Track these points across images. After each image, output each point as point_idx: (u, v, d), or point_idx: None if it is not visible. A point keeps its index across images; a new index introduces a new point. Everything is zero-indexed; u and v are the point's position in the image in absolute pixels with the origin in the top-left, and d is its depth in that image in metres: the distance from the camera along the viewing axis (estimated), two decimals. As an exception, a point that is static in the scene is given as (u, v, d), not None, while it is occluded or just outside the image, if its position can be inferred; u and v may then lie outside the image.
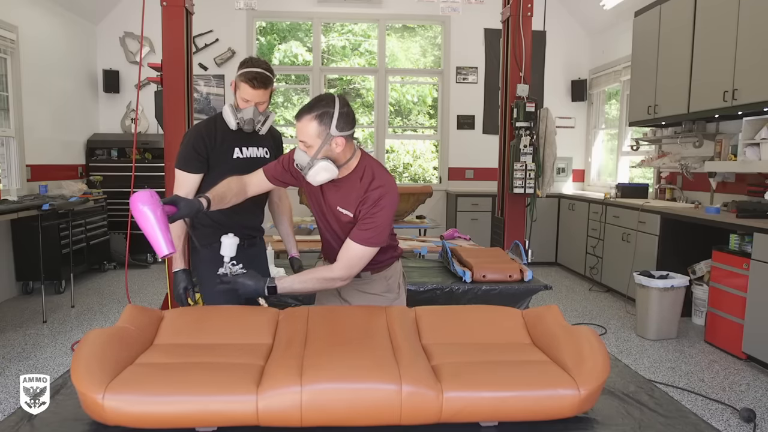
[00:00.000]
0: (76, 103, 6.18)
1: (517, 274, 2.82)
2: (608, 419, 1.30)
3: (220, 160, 2.15)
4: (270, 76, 2.12)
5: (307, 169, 1.72)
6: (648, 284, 3.98)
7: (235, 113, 2.12)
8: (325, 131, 1.68)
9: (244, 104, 2.11)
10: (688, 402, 2.98)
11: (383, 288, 2.00)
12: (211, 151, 2.14)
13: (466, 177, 7.13)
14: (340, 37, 7.48)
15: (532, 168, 4.43)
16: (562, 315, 1.58)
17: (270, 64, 2.16)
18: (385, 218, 1.76)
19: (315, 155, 1.71)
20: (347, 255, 1.76)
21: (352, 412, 1.20)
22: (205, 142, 2.13)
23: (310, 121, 1.68)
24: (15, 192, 4.99)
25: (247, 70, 2.07)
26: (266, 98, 2.14)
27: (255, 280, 1.76)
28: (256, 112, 2.12)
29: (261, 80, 2.08)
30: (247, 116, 2.11)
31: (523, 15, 4.44)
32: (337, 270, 1.77)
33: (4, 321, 4.27)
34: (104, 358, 1.27)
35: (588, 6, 6.54)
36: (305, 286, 1.80)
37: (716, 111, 4.26)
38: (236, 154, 2.18)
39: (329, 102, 1.70)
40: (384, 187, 1.77)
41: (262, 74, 2.08)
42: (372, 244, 1.76)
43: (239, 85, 2.09)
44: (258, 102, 2.11)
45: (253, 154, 2.23)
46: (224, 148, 2.16)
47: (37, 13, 5.40)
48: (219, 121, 2.19)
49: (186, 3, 4.06)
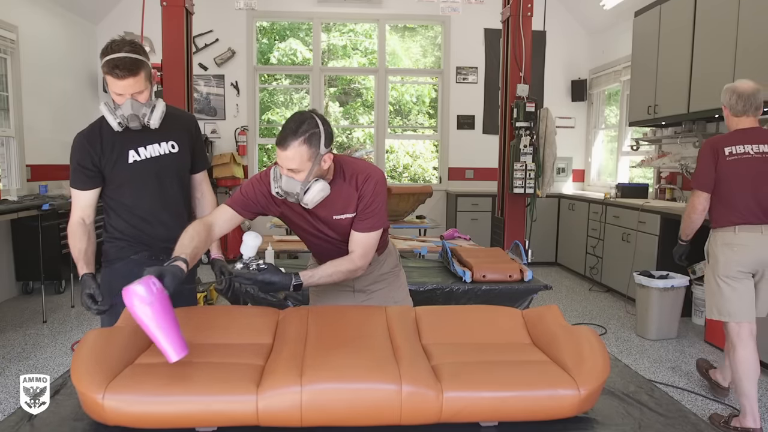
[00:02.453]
0: (76, 103, 6.17)
1: (517, 274, 2.82)
2: (608, 419, 1.30)
3: (114, 169, 1.87)
4: (137, 59, 1.76)
5: (302, 194, 1.64)
6: (648, 284, 3.98)
7: (113, 111, 1.79)
8: (315, 152, 1.61)
9: (118, 99, 1.79)
10: (688, 402, 2.98)
11: (393, 263, 2.05)
12: (99, 161, 1.85)
13: (466, 177, 7.13)
14: (342, 36, 7.49)
15: (532, 168, 4.43)
16: (562, 315, 1.58)
17: (140, 44, 1.81)
18: (382, 201, 1.78)
19: (307, 178, 1.63)
20: (361, 244, 1.78)
21: (352, 412, 1.20)
22: (90, 154, 1.84)
23: (299, 146, 1.58)
24: (15, 192, 4.99)
25: (108, 58, 1.72)
26: (142, 86, 1.79)
27: (280, 276, 1.66)
28: (135, 104, 1.78)
29: (125, 67, 1.72)
30: (126, 112, 1.78)
31: (523, 15, 4.44)
32: (357, 260, 1.78)
33: (4, 321, 4.27)
34: (104, 358, 1.26)
35: (588, 6, 6.55)
36: (331, 279, 1.77)
37: (716, 111, 4.26)
38: (132, 158, 1.88)
39: (311, 122, 1.61)
40: (371, 176, 1.76)
41: (125, 59, 1.72)
42: (379, 227, 1.80)
43: (106, 78, 1.76)
44: (133, 93, 1.78)
45: (155, 152, 1.92)
46: (116, 154, 1.86)
47: (37, 13, 5.40)
48: (104, 125, 1.86)
49: (186, 3, 4.06)
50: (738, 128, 2.71)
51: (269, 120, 7.63)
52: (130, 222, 1.94)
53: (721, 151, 2.67)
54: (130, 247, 1.92)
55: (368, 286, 2.00)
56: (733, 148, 2.65)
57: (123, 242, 1.94)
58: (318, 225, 1.83)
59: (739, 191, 2.64)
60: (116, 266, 1.93)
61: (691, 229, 2.90)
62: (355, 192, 1.76)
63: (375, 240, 1.79)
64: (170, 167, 1.96)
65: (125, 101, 1.78)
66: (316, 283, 1.75)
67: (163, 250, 1.87)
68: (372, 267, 1.93)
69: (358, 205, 1.77)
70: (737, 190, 2.65)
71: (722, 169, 2.66)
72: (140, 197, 1.93)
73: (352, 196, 1.76)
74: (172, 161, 1.95)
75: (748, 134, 2.66)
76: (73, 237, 1.87)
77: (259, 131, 7.13)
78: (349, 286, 1.99)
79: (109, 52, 1.74)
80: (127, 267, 1.88)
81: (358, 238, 1.78)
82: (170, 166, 1.96)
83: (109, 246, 1.96)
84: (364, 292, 2.01)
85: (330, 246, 1.87)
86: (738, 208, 2.65)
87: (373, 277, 1.99)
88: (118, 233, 1.94)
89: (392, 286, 2.04)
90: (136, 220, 1.94)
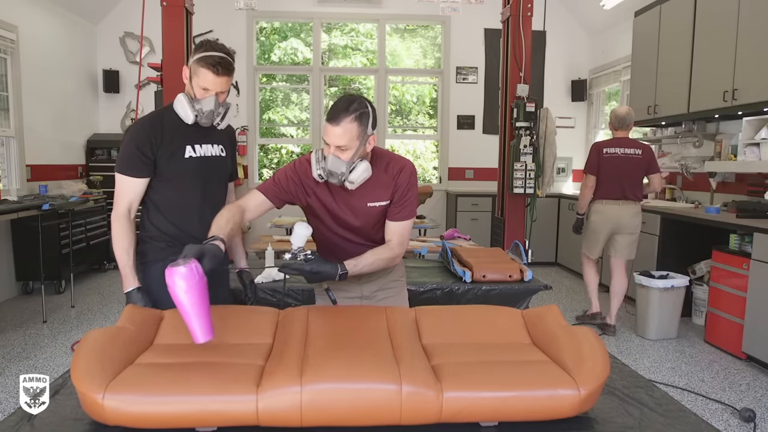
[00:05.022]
0: (76, 103, 6.18)
1: (517, 274, 2.81)
2: (608, 419, 1.30)
3: (169, 161, 1.87)
4: (233, 62, 1.88)
5: (347, 174, 1.68)
6: (648, 284, 3.98)
7: (192, 104, 1.84)
8: (364, 131, 1.68)
9: (202, 94, 1.84)
10: (688, 402, 2.98)
11: (400, 273, 2.07)
12: (158, 151, 1.85)
13: (466, 177, 7.13)
14: (343, 36, 7.49)
15: (532, 168, 4.43)
16: (562, 315, 1.58)
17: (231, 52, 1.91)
18: (416, 191, 1.87)
19: (353, 158, 1.68)
20: (398, 232, 1.85)
21: (352, 412, 1.20)
22: (151, 141, 1.83)
23: (350, 123, 1.64)
24: (15, 192, 4.99)
25: (209, 54, 1.80)
26: (227, 87, 1.88)
27: (327, 267, 1.68)
28: (217, 103, 1.85)
29: (225, 66, 1.82)
30: (207, 108, 1.84)
31: (523, 15, 4.44)
32: (396, 247, 1.84)
33: (4, 321, 4.27)
34: (104, 358, 1.26)
35: (588, 6, 6.55)
36: (373, 267, 1.80)
37: (716, 111, 4.26)
38: (188, 153, 1.90)
39: (362, 102, 1.68)
40: (405, 167, 1.83)
41: (226, 59, 1.83)
42: (413, 217, 1.88)
43: (198, 72, 1.81)
44: (219, 91, 1.85)
45: (208, 152, 1.95)
46: (174, 147, 1.87)
47: (37, 13, 5.40)
48: (166, 116, 1.91)
49: (186, 3, 4.06)
50: (614, 137, 4.12)
51: (269, 120, 7.63)
52: (172, 219, 1.92)
53: (602, 151, 4.04)
54: (169, 247, 1.88)
55: (376, 293, 2.01)
56: (609, 150, 4.04)
57: (162, 242, 1.92)
58: (344, 216, 1.84)
59: (609, 177, 4.02)
60: (153, 269, 1.90)
61: (584, 203, 4.19)
62: (391, 181, 1.81)
63: (409, 229, 1.89)
64: (218, 169, 2.01)
65: (209, 97, 1.84)
66: (360, 271, 1.77)
67: None
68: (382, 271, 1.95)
69: (393, 195, 1.82)
70: (608, 176, 4.02)
71: (602, 163, 4.02)
72: (187, 193, 1.93)
73: (388, 184, 1.82)
74: (220, 163, 2.00)
75: (620, 141, 4.07)
76: (120, 231, 1.84)
77: (259, 131, 7.13)
78: (357, 293, 1.99)
79: (208, 49, 1.81)
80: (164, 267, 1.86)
81: (394, 227, 1.85)
82: (218, 168, 2.01)
83: (147, 247, 1.93)
84: (371, 299, 2.01)
85: (345, 244, 1.89)
86: (607, 188, 4.03)
87: (381, 282, 2.00)
88: (158, 232, 1.93)
89: (398, 297, 2.05)
90: (179, 217, 1.92)
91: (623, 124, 4.07)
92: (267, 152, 7.92)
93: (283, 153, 8.05)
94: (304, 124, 7.61)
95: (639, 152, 4.02)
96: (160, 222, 1.92)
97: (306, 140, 7.52)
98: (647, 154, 4.04)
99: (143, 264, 1.92)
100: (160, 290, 1.83)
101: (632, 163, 3.99)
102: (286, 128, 7.86)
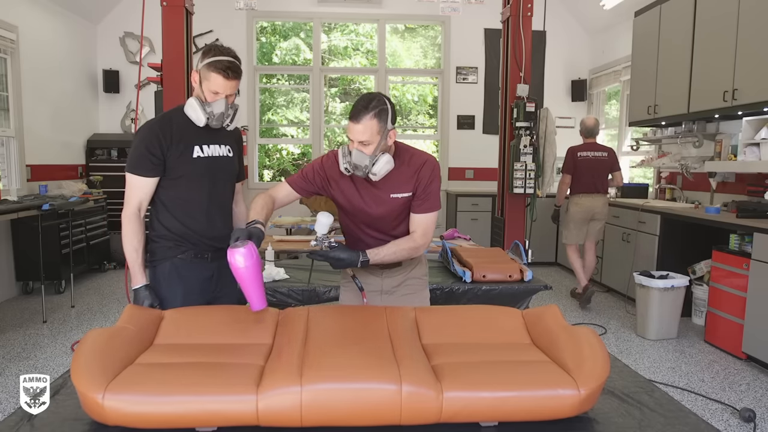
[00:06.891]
0: (76, 103, 6.18)
1: (517, 274, 2.82)
2: (608, 419, 1.30)
3: (178, 162, 1.93)
4: (241, 66, 1.96)
5: (371, 166, 1.79)
6: (648, 284, 3.98)
7: (203, 107, 1.91)
8: (384, 127, 1.78)
9: (213, 97, 1.90)
10: (688, 402, 2.98)
11: (422, 272, 2.11)
12: (167, 151, 1.91)
13: (466, 177, 7.13)
14: (344, 36, 7.49)
15: (532, 168, 4.43)
16: (562, 315, 1.58)
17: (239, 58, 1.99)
18: (438, 184, 1.94)
19: (375, 151, 1.78)
20: (421, 224, 1.92)
21: (352, 412, 1.20)
22: (161, 141, 1.90)
23: (370, 119, 1.76)
24: (15, 192, 4.99)
25: (218, 58, 1.88)
26: (236, 90, 1.95)
27: (348, 254, 1.81)
28: (227, 105, 1.93)
29: (235, 69, 1.90)
30: (218, 110, 1.91)
31: (523, 15, 4.44)
32: (419, 238, 1.92)
33: (4, 321, 4.27)
34: (104, 358, 1.27)
35: (588, 6, 6.54)
36: (395, 257, 1.89)
37: (716, 111, 4.26)
38: (197, 153, 1.96)
39: (380, 99, 1.79)
40: (428, 160, 1.92)
41: (235, 63, 1.91)
42: (436, 209, 1.94)
43: (208, 76, 1.88)
44: (229, 94, 1.93)
45: (215, 152, 2.01)
46: (182, 147, 1.93)
47: (37, 13, 5.40)
48: (175, 117, 1.97)
49: (186, 3, 4.06)
50: (585, 142, 4.96)
51: (269, 120, 7.63)
52: (180, 218, 1.96)
53: (576, 154, 4.87)
54: (177, 246, 1.94)
55: (396, 288, 2.04)
56: (582, 153, 4.87)
57: (170, 241, 1.97)
58: (368, 207, 1.91)
59: (583, 175, 4.84)
60: (160, 267, 1.96)
61: (561, 197, 5.08)
62: (413, 174, 1.89)
63: (433, 221, 1.94)
64: (225, 169, 2.06)
65: (219, 100, 1.91)
66: (381, 260, 1.87)
67: (208, 248, 1.99)
68: (404, 266, 2.03)
69: (416, 188, 1.90)
70: (582, 175, 4.83)
71: (577, 164, 4.85)
72: (195, 192, 1.98)
73: (410, 176, 1.90)
74: (227, 164, 2.05)
75: (590, 146, 4.91)
76: (130, 229, 1.89)
77: (260, 131, 7.13)
78: (377, 286, 2.03)
79: (217, 54, 1.89)
80: (171, 266, 1.94)
81: (418, 219, 1.92)
82: (225, 168, 2.06)
83: (155, 246, 1.99)
84: (391, 294, 2.04)
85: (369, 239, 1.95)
86: (583, 184, 4.85)
87: (401, 277, 2.04)
88: (166, 230, 1.97)
89: (418, 295, 2.07)
90: (187, 216, 1.96)
91: (591, 133, 4.95)
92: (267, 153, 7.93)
93: (284, 153, 8.06)
94: (304, 125, 7.61)
95: (605, 154, 4.87)
96: (169, 221, 1.97)
97: (306, 140, 7.51)
98: (611, 156, 4.91)
99: (151, 262, 1.99)
100: (167, 288, 1.95)
101: (600, 164, 4.85)
102: (286, 128, 7.86)
